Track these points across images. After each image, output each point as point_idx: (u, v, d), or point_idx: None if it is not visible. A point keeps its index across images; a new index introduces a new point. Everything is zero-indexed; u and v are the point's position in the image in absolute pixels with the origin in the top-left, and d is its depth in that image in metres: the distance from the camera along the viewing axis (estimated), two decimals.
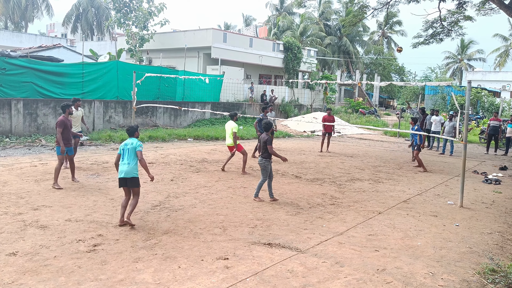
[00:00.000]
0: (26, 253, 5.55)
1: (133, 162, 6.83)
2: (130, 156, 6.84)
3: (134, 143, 6.92)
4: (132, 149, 6.86)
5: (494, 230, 7.56)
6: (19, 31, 46.46)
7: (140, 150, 6.88)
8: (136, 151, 6.85)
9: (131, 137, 7.10)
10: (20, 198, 8.08)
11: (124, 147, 6.93)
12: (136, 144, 6.91)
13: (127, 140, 7.03)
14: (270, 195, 8.85)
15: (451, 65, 69.48)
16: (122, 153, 6.91)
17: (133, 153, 6.85)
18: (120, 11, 27.99)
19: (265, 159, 8.70)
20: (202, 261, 5.57)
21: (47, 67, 16.77)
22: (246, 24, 62.43)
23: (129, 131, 7.16)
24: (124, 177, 6.81)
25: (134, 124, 7.30)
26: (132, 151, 6.86)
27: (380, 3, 20.59)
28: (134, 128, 7.15)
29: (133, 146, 6.87)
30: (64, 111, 9.39)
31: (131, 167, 6.80)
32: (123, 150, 6.91)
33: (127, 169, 6.79)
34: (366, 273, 5.41)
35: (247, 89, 29.04)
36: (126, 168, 6.79)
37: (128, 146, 6.90)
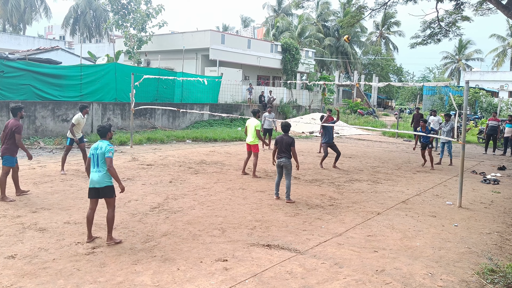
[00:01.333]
0: (25, 255, 5.54)
1: (104, 169, 6.02)
2: (101, 162, 6.02)
3: (103, 147, 6.06)
4: (101, 154, 6.01)
5: (493, 230, 7.57)
6: (17, 33, 46.44)
7: (109, 157, 6.00)
8: (105, 157, 6.01)
9: (102, 138, 6.26)
10: (18, 200, 8.06)
11: (94, 151, 6.06)
12: (106, 149, 6.03)
13: (97, 143, 6.17)
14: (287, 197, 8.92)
15: (449, 65, 69.64)
16: (92, 158, 6.07)
17: (103, 159, 6.02)
18: (118, 13, 27.98)
19: (289, 160, 8.85)
20: (201, 263, 5.57)
21: (45, 70, 16.75)
22: (244, 25, 62.46)
23: (100, 131, 6.29)
24: (95, 187, 6.03)
25: (106, 123, 6.39)
26: (101, 156, 6.01)
27: (378, 3, 20.63)
28: (106, 129, 6.31)
29: (102, 151, 6.02)
30: (15, 115, 8.26)
31: (102, 175, 5.99)
32: (93, 155, 6.05)
33: (98, 178, 5.99)
34: (365, 274, 5.41)
35: (246, 91, 29.04)
36: (97, 176, 5.99)
37: (98, 151, 6.04)
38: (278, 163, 8.92)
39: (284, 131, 8.98)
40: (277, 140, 8.94)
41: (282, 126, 9.04)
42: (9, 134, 8.11)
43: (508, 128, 18.32)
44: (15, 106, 8.33)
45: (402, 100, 58.83)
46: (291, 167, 8.91)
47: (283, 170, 8.96)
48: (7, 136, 8.11)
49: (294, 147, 8.79)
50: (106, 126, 6.35)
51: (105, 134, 6.32)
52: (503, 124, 19.77)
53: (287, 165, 8.83)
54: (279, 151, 8.89)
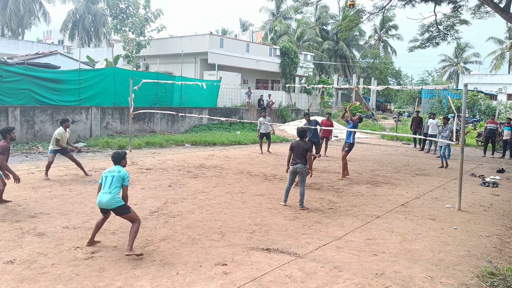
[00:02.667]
0: (23, 261, 5.53)
1: (116, 191, 5.86)
2: (115, 185, 5.87)
3: (121, 171, 5.97)
4: (118, 178, 5.90)
5: (492, 233, 7.57)
6: (16, 38, 46.47)
7: (127, 185, 5.98)
8: (123, 185, 5.93)
9: (116, 165, 6.16)
10: (17, 205, 8.05)
11: (108, 174, 5.97)
12: (126, 175, 5.97)
13: (113, 167, 6.09)
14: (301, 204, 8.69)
15: (448, 68, 69.85)
16: (104, 181, 5.93)
17: (119, 183, 5.90)
18: (116, 18, 28.04)
19: (305, 166, 8.67)
20: (201, 267, 5.56)
21: (44, 74, 16.77)
22: (243, 29, 62.60)
23: (115, 158, 6.17)
24: (105, 208, 5.94)
25: (121, 150, 6.36)
26: (118, 180, 5.89)
27: (376, 7, 20.69)
28: (121, 156, 6.19)
29: (121, 175, 5.92)
30: (5, 137, 8.20)
31: (112, 197, 5.82)
32: (105, 178, 5.94)
33: (107, 199, 5.81)
34: (364, 278, 5.40)
35: (244, 94, 29.08)
36: (107, 198, 5.82)
37: (114, 174, 5.93)
38: (293, 169, 8.66)
39: (300, 137, 8.79)
40: (292, 146, 8.69)
41: (298, 131, 8.85)
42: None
43: (507, 131, 18.35)
44: (4, 129, 8.30)
45: (401, 103, 58.93)
46: (306, 173, 8.74)
47: (298, 177, 8.76)
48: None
49: (311, 152, 8.71)
50: (121, 153, 6.23)
51: (119, 161, 6.20)
52: (501, 127, 19.80)
53: (303, 171, 8.61)
54: (295, 157, 8.64)
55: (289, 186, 8.88)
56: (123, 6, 27.86)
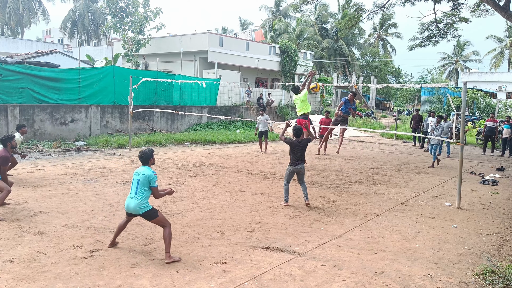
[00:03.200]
0: (23, 259, 5.53)
1: (142, 196, 5.70)
2: (141, 189, 5.70)
3: (146, 173, 5.70)
4: (144, 181, 5.69)
5: (492, 231, 7.57)
6: (16, 37, 46.41)
7: (156, 186, 5.73)
8: (151, 187, 5.72)
9: (144, 165, 5.87)
10: (17, 204, 8.04)
11: (135, 176, 5.76)
12: (151, 178, 5.69)
13: (140, 169, 5.82)
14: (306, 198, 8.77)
15: (447, 66, 69.82)
16: (132, 184, 5.79)
17: (145, 186, 5.71)
18: (116, 16, 28.02)
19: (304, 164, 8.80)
20: (200, 265, 5.56)
21: (44, 73, 16.76)
22: (242, 28, 62.54)
23: (143, 158, 5.86)
24: (132, 213, 5.81)
25: (148, 148, 6.03)
26: (144, 184, 5.69)
27: (376, 5, 20.65)
28: (148, 154, 5.87)
29: (146, 178, 5.69)
30: (5, 145, 8.04)
31: (139, 202, 5.68)
32: (132, 181, 5.78)
33: (134, 205, 5.67)
34: (364, 276, 5.40)
35: (244, 93, 29.06)
36: (134, 203, 5.68)
37: (139, 176, 5.71)
38: (293, 170, 8.63)
39: (296, 136, 8.63)
40: (292, 143, 8.53)
41: (295, 130, 8.66)
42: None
43: (506, 129, 18.35)
44: (4, 137, 8.15)
45: (401, 102, 58.96)
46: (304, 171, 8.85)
47: (298, 176, 8.76)
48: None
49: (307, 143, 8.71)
50: (148, 152, 5.90)
51: (147, 160, 5.89)
52: (501, 125, 19.80)
53: (303, 170, 8.73)
54: (296, 158, 8.56)
55: (288, 185, 8.87)
56: (122, 4, 27.83)
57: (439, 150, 15.05)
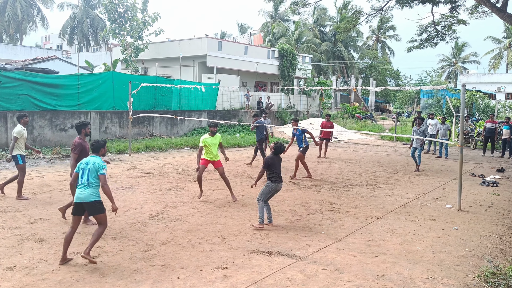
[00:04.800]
0: (23, 267, 5.51)
1: (94, 185, 5.79)
2: (91, 178, 5.78)
3: (96, 162, 5.84)
4: (93, 170, 5.79)
5: (493, 232, 7.56)
6: (15, 43, 46.48)
7: (103, 174, 5.79)
8: (98, 174, 5.79)
9: (95, 153, 6.03)
10: (17, 211, 8.03)
11: (84, 166, 5.85)
12: (99, 165, 5.82)
13: (88, 158, 5.96)
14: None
15: (446, 68, 69.93)
16: (81, 173, 5.84)
17: (94, 175, 5.79)
18: (115, 22, 28.08)
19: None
20: (201, 271, 5.54)
21: (43, 79, 16.77)
22: (241, 32, 62.66)
23: (94, 146, 6.04)
24: (80, 202, 5.74)
25: (101, 138, 6.27)
26: (93, 172, 5.78)
27: (374, 8, 20.70)
28: (100, 144, 6.07)
29: (95, 167, 5.80)
30: (80, 132, 7.66)
31: (90, 190, 5.75)
32: (82, 170, 5.84)
33: (86, 193, 5.72)
34: (365, 280, 5.39)
35: (243, 97, 29.09)
36: (85, 192, 5.73)
37: (89, 166, 5.81)
38: (276, 188, 7.68)
39: (277, 153, 7.76)
40: (269, 163, 7.61)
41: (277, 147, 7.75)
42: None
43: (506, 130, 18.36)
44: (79, 123, 7.69)
45: (400, 104, 58.96)
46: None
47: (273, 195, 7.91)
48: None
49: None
50: (100, 141, 6.10)
51: (98, 149, 6.05)
52: (500, 126, 19.79)
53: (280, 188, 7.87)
54: (278, 176, 7.66)
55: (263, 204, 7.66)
56: (121, 10, 27.91)
57: (445, 151, 15.01)
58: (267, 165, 7.61)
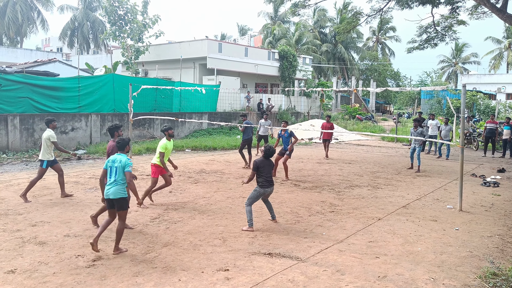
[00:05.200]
0: (25, 270, 5.51)
1: (121, 182, 6.16)
2: (119, 175, 6.16)
3: (123, 160, 6.19)
4: (120, 167, 6.16)
5: (494, 233, 7.55)
6: (15, 46, 46.55)
7: (129, 171, 6.15)
8: (124, 172, 6.15)
9: (120, 151, 6.38)
10: (18, 214, 8.04)
11: (112, 164, 6.24)
12: (125, 163, 6.17)
13: (114, 156, 6.32)
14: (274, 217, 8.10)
15: (446, 68, 69.92)
16: (109, 171, 6.23)
17: (121, 172, 6.16)
18: (115, 24, 28.10)
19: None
20: (203, 273, 5.54)
21: (43, 82, 16.78)
22: (241, 33, 62.72)
23: (120, 144, 6.40)
24: (110, 198, 6.14)
25: (126, 137, 6.52)
26: (120, 170, 6.16)
27: (374, 9, 20.71)
28: (125, 142, 6.43)
29: (122, 165, 6.16)
30: (113, 135, 7.74)
31: (118, 187, 6.13)
32: (110, 168, 6.24)
33: (114, 190, 6.11)
34: (367, 281, 5.38)
35: (244, 98, 29.10)
36: (114, 189, 6.12)
37: (116, 164, 6.19)
38: (264, 192, 7.58)
39: (267, 157, 7.65)
40: (259, 166, 7.52)
41: (268, 151, 7.65)
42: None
43: (506, 130, 18.34)
44: (112, 126, 7.78)
45: (401, 105, 58.95)
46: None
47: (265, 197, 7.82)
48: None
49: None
50: (125, 140, 6.46)
51: (123, 147, 6.42)
52: (501, 126, 19.78)
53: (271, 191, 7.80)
54: (266, 180, 7.54)
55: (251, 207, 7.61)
56: (121, 12, 27.91)
57: (447, 151, 14.94)
58: (256, 168, 7.54)
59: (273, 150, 7.73)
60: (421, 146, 14.20)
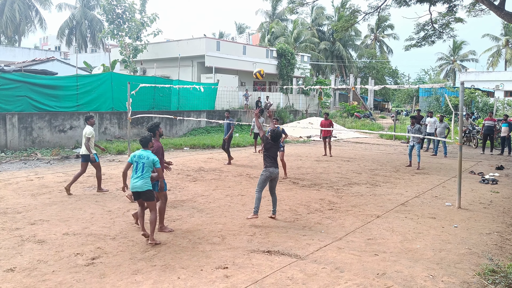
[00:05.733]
0: (24, 268, 5.51)
1: (147, 176, 6.50)
2: (146, 172, 6.49)
3: (150, 157, 6.51)
4: (148, 163, 6.49)
5: (492, 230, 7.57)
6: (13, 45, 46.45)
7: (159, 167, 6.59)
8: (155, 168, 6.56)
9: (144, 148, 6.62)
10: (16, 213, 8.03)
11: (138, 160, 6.51)
12: (154, 160, 6.53)
13: (140, 152, 6.58)
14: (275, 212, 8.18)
15: (444, 66, 69.98)
16: (135, 166, 6.52)
17: (148, 168, 6.50)
18: (113, 23, 28.06)
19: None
20: (202, 271, 5.54)
21: (41, 81, 16.76)
22: (239, 32, 62.66)
23: (143, 141, 6.63)
24: (137, 191, 6.53)
25: (147, 134, 6.67)
26: (148, 165, 6.49)
27: (371, 7, 20.69)
28: (147, 139, 6.66)
29: (149, 161, 6.49)
30: (154, 134, 7.35)
31: (144, 181, 6.48)
32: (136, 163, 6.52)
33: (140, 183, 6.46)
34: (366, 278, 5.39)
35: (242, 97, 29.09)
36: (140, 182, 6.46)
37: (143, 160, 6.48)
38: (270, 174, 7.72)
39: (274, 141, 7.81)
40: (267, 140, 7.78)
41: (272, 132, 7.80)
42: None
43: (504, 128, 18.38)
44: (152, 125, 7.46)
45: (399, 102, 59.06)
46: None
47: (271, 183, 7.92)
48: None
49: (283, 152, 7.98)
50: (147, 137, 6.72)
51: (146, 144, 6.67)
52: (499, 123, 19.82)
53: (278, 177, 7.93)
54: (274, 161, 7.72)
55: (260, 195, 7.75)
56: (119, 11, 27.88)
57: (444, 149, 14.96)
58: (266, 139, 7.80)
59: (278, 133, 7.84)
60: (420, 143, 14.21)
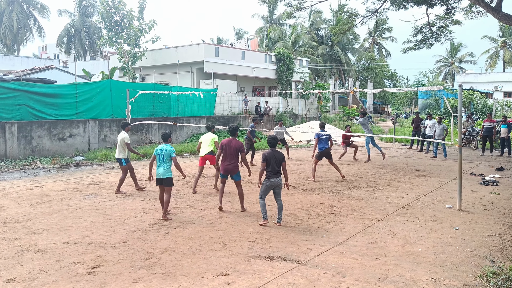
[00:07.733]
0: (24, 278, 5.49)
1: (167, 165, 8.21)
2: (166, 160, 8.19)
3: (168, 149, 8.25)
4: (167, 154, 8.21)
5: (494, 232, 7.55)
6: (11, 54, 46.54)
7: (175, 156, 8.30)
8: (171, 157, 8.24)
9: (165, 142, 8.44)
10: (16, 222, 8.01)
11: (160, 152, 8.26)
12: (171, 150, 8.26)
13: (161, 146, 8.33)
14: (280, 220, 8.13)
15: (443, 68, 70.14)
16: (158, 157, 8.23)
17: (167, 157, 8.20)
18: (111, 30, 28.14)
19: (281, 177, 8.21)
20: (203, 278, 5.52)
21: (40, 89, 16.76)
22: (238, 37, 62.80)
23: (164, 137, 8.59)
24: (160, 177, 8.18)
25: (168, 131, 7.64)
26: (167, 156, 8.21)
27: (369, 10, 20.75)
28: (167, 135, 8.58)
29: (168, 152, 8.22)
30: (234, 134, 9.01)
31: (166, 169, 8.17)
32: (159, 155, 8.23)
33: (163, 171, 8.15)
34: (368, 283, 5.37)
35: (241, 102, 29.12)
36: (162, 170, 8.16)
37: (163, 152, 8.22)
38: (271, 183, 7.86)
39: (272, 146, 8.03)
40: (267, 157, 7.85)
41: (269, 140, 8.07)
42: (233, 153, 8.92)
43: (504, 129, 18.38)
44: (233, 127, 9.09)
45: (398, 105, 59.10)
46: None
47: (275, 190, 7.98)
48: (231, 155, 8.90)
49: (285, 162, 8.00)
50: (167, 133, 8.66)
51: (167, 139, 8.57)
52: (498, 124, 19.82)
53: (281, 184, 7.98)
54: (273, 170, 7.82)
55: (264, 201, 8.00)
56: (117, 18, 27.96)
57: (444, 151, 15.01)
58: (265, 159, 7.92)
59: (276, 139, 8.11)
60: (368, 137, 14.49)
